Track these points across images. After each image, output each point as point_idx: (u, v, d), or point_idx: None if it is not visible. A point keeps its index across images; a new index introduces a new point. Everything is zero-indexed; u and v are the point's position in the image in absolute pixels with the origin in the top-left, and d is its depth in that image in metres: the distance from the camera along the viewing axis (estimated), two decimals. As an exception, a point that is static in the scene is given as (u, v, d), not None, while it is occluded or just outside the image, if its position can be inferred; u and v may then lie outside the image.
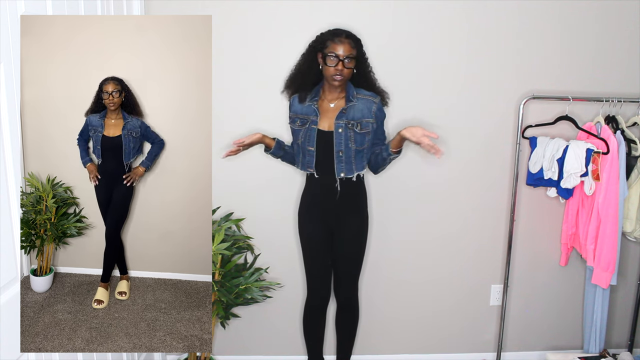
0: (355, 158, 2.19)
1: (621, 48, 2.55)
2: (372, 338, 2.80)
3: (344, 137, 2.15)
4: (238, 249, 2.46)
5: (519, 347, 2.86)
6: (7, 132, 1.46)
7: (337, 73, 2.07)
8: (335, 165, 2.18)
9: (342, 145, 2.15)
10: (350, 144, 2.16)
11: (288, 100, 2.30)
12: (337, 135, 2.15)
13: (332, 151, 2.17)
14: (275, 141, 2.28)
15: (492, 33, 2.50)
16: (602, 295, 2.59)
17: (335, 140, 2.15)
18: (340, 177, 2.19)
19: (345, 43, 2.06)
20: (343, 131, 2.15)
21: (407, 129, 2.08)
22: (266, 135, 2.26)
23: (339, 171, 2.19)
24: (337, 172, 2.19)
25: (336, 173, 2.19)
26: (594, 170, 2.38)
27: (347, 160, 2.18)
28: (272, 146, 2.27)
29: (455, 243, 2.72)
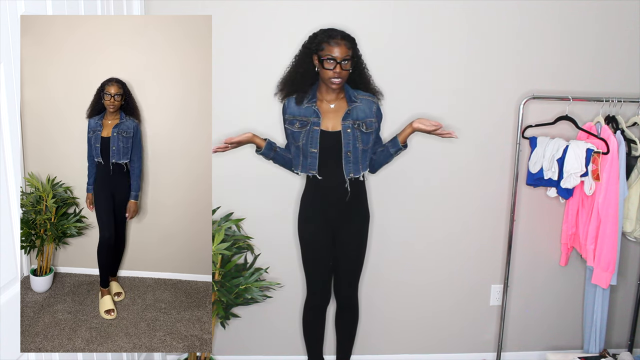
0: (361, 158, 2.19)
1: (621, 48, 2.55)
2: (372, 338, 2.80)
3: (351, 137, 2.15)
4: (238, 249, 2.46)
5: (519, 347, 2.86)
6: (7, 132, 1.46)
7: (335, 76, 2.06)
8: (344, 166, 2.18)
9: (350, 145, 2.15)
10: (358, 144, 2.16)
11: (281, 103, 2.27)
12: (346, 135, 2.15)
13: (337, 152, 2.16)
14: (266, 142, 2.23)
15: (492, 33, 2.50)
16: (602, 295, 2.59)
17: (344, 141, 2.15)
18: (349, 178, 2.19)
19: (341, 45, 2.05)
20: (351, 131, 2.15)
21: (419, 120, 2.13)
22: (257, 135, 2.21)
23: (348, 172, 2.18)
24: (346, 172, 2.18)
25: (345, 174, 2.18)
26: (594, 170, 2.38)
27: (354, 160, 2.18)
28: (262, 146, 2.22)
29: (456, 243, 2.72)
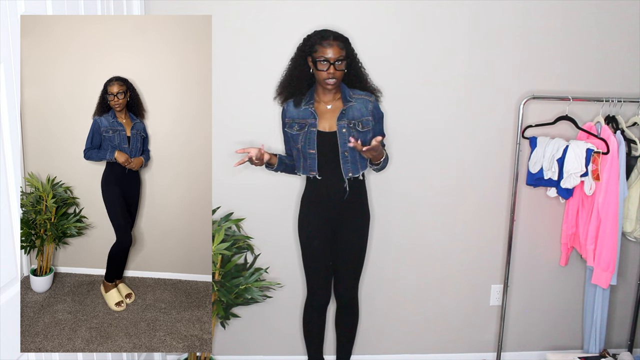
0: (359, 157, 2.19)
1: (621, 48, 2.54)
2: (372, 338, 2.80)
3: (347, 137, 2.15)
4: (238, 249, 2.46)
5: (519, 347, 2.86)
6: (7, 132, 1.46)
7: (330, 77, 2.07)
8: (342, 166, 2.18)
9: (346, 145, 2.15)
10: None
11: (281, 106, 2.29)
12: (341, 135, 2.15)
13: (335, 152, 2.17)
14: (277, 158, 2.27)
15: (492, 33, 2.50)
16: (602, 295, 2.59)
17: (340, 140, 2.15)
18: (348, 177, 2.19)
19: (334, 46, 2.05)
20: (346, 131, 2.15)
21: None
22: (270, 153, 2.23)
23: (346, 172, 2.19)
24: (344, 172, 2.18)
25: (344, 174, 2.19)
26: (594, 170, 2.38)
27: (352, 160, 2.18)
28: (274, 164, 2.26)
29: (456, 243, 2.72)
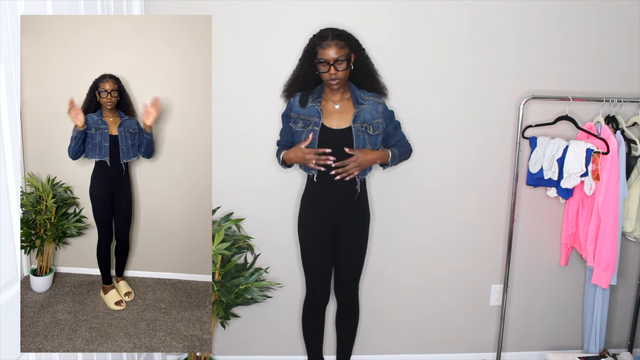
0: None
1: (621, 48, 2.55)
2: (372, 338, 2.79)
3: (361, 140, 2.15)
4: (238, 249, 2.46)
5: (519, 347, 2.86)
6: (7, 132, 1.46)
7: (331, 77, 2.07)
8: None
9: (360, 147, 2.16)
10: (367, 146, 2.16)
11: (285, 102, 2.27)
12: (357, 138, 2.15)
13: (340, 151, 2.13)
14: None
15: (492, 33, 2.50)
16: (602, 295, 2.59)
17: (355, 143, 2.15)
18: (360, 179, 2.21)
19: (332, 46, 2.03)
20: (362, 134, 2.15)
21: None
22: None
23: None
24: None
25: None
26: (594, 170, 2.38)
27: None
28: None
29: (456, 243, 2.72)
